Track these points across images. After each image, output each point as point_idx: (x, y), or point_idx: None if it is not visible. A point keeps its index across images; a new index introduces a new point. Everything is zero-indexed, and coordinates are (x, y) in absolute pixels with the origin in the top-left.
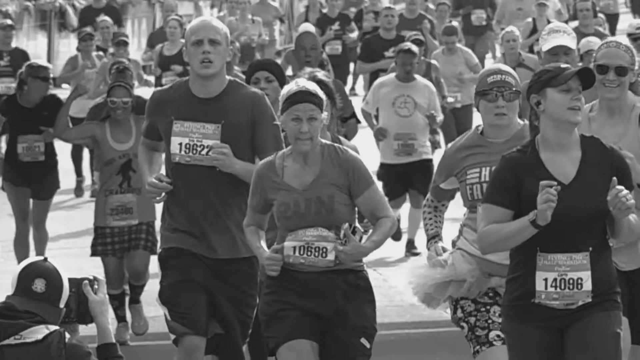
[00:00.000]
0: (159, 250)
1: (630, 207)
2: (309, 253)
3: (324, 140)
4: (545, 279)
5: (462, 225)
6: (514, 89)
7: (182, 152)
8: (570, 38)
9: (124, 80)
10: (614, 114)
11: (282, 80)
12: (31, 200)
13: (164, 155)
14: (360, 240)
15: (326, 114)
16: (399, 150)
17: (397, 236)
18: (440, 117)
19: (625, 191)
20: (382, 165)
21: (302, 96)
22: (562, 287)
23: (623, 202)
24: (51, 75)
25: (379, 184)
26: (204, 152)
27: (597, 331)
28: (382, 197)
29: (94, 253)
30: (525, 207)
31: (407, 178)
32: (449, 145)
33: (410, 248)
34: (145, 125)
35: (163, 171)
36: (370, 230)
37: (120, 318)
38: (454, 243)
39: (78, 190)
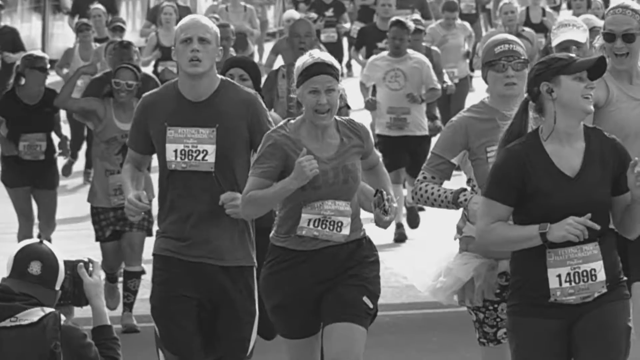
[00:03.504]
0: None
1: None
2: (323, 226)
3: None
4: (559, 275)
5: (465, 209)
6: (522, 58)
7: (178, 159)
8: (581, 31)
9: (131, 62)
10: (631, 80)
11: (257, 80)
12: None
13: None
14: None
15: (342, 85)
16: (391, 123)
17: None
18: (430, 91)
19: None
20: (378, 136)
21: (319, 68)
22: (577, 280)
23: None
24: (48, 66)
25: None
26: (199, 157)
27: (607, 327)
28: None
29: (98, 239)
30: (529, 201)
31: (402, 151)
32: (455, 118)
33: (414, 218)
34: (132, 134)
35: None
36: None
37: (111, 278)
38: (459, 229)
39: (66, 170)
